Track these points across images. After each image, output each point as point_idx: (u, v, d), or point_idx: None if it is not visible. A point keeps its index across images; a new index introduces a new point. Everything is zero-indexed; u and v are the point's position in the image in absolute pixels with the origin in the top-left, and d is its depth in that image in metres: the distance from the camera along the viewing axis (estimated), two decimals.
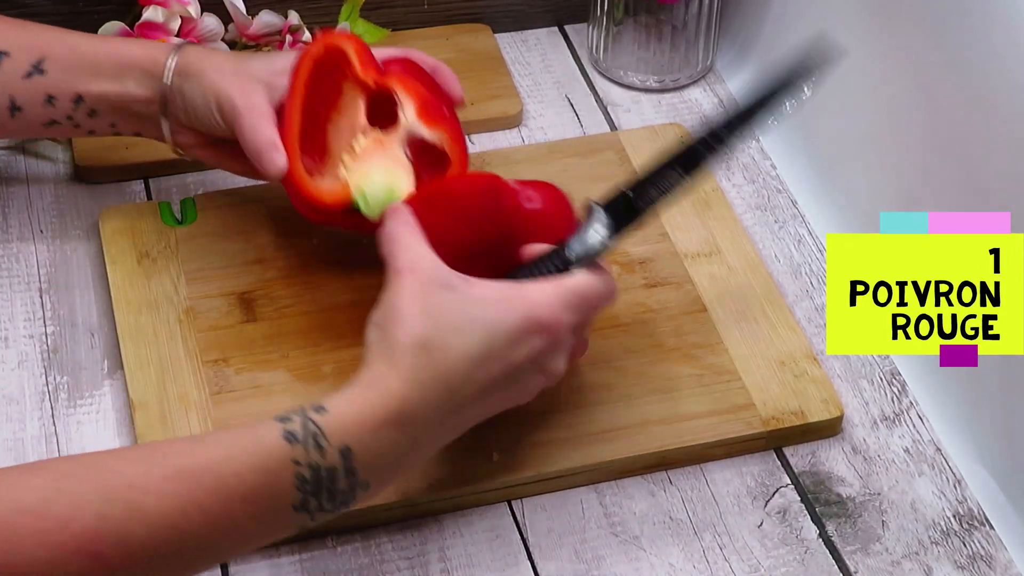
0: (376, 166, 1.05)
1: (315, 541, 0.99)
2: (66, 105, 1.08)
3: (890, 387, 1.10)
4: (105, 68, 1.08)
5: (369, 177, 1.05)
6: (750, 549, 1.00)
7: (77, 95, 1.08)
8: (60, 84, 1.08)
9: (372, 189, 1.04)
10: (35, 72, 1.07)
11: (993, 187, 1.03)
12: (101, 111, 1.09)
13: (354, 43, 1.07)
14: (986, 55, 1.02)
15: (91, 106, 1.09)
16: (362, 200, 1.04)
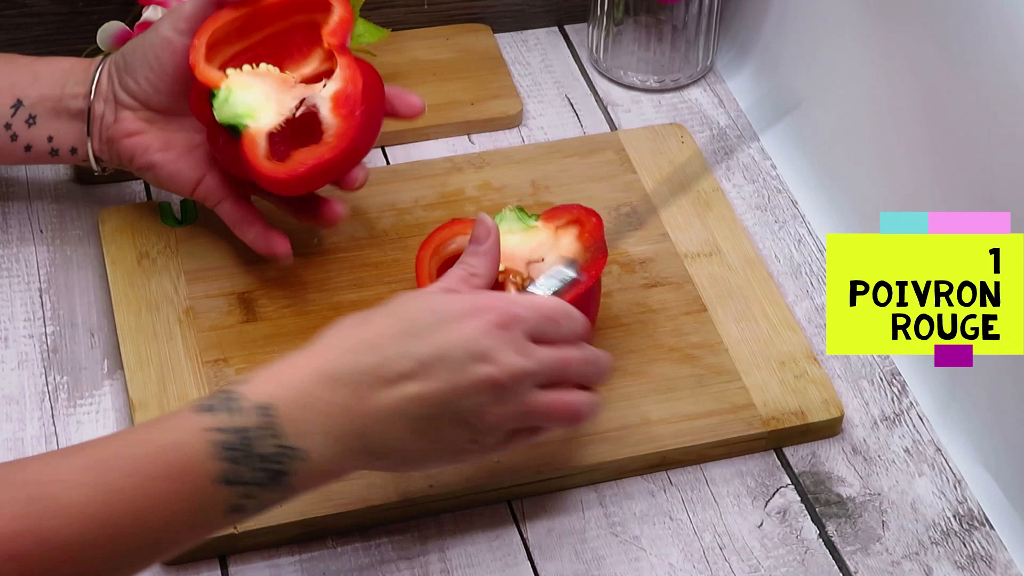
0: (260, 89, 1.06)
1: (315, 541, 0.99)
2: (4, 111, 1.08)
3: (890, 387, 1.10)
4: (44, 75, 1.09)
5: (245, 88, 1.05)
6: (750, 549, 1.00)
7: (16, 99, 1.08)
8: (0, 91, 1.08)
9: (238, 97, 1.05)
10: None
11: (993, 187, 1.03)
12: (40, 118, 1.08)
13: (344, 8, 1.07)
14: (986, 55, 1.02)
15: (30, 111, 1.08)
16: (223, 96, 1.05)
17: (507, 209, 1.07)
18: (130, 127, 1.09)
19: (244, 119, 1.04)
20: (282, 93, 1.06)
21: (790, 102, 0.98)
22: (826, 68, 1.24)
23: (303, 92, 1.06)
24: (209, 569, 0.98)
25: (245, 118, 1.04)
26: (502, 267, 1.04)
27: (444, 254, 1.07)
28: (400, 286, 1.12)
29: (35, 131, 1.09)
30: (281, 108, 1.05)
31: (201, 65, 1.05)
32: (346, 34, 1.07)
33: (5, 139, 1.09)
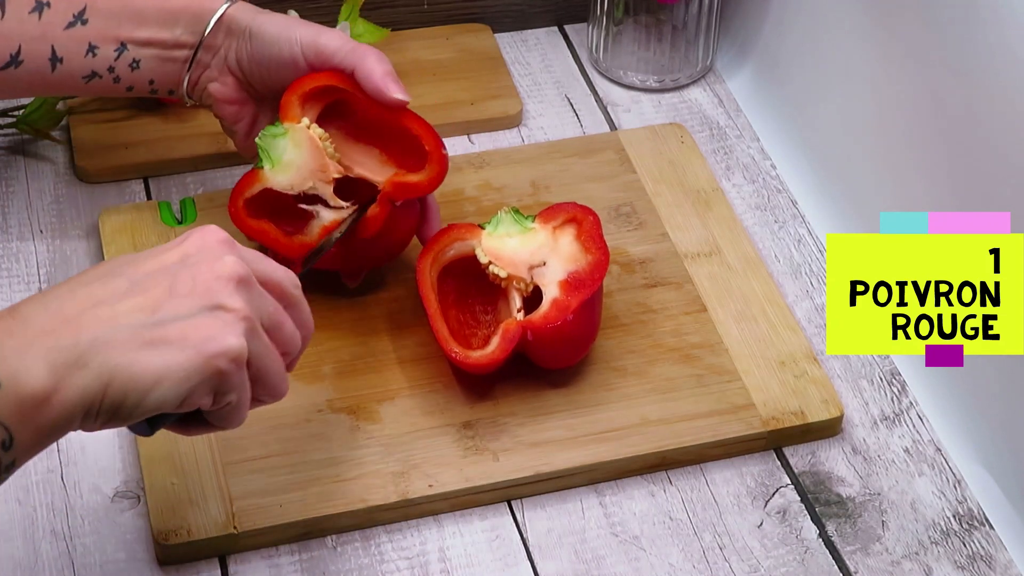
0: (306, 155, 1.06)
1: (315, 541, 0.99)
2: (108, 54, 1.07)
3: (890, 387, 1.10)
4: (150, 14, 1.07)
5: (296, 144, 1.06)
6: (750, 549, 1.00)
7: (120, 42, 1.07)
8: (103, 32, 1.06)
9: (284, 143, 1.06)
10: (77, 22, 1.06)
11: (993, 187, 1.03)
12: (144, 62, 1.08)
13: (432, 177, 1.06)
14: (986, 55, 1.02)
15: (134, 55, 1.07)
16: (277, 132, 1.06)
17: (503, 211, 1.07)
18: (232, 94, 1.09)
19: (267, 161, 1.06)
20: (311, 177, 1.06)
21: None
22: (826, 68, 1.24)
23: (324, 194, 1.06)
24: (209, 569, 0.98)
25: (268, 161, 1.06)
26: (504, 274, 1.05)
27: (443, 260, 1.07)
28: (399, 285, 1.12)
29: (137, 75, 1.08)
30: (298, 184, 1.06)
31: (292, 98, 1.06)
32: (405, 197, 1.06)
33: (108, 80, 1.08)
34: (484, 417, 1.04)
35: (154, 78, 1.09)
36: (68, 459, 1.03)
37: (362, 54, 1.06)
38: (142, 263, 0.83)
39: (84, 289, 0.81)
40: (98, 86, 1.09)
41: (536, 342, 1.03)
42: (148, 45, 1.08)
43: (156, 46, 1.08)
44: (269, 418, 1.03)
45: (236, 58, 1.08)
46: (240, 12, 1.08)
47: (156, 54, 1.08)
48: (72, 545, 0.98)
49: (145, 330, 0.80)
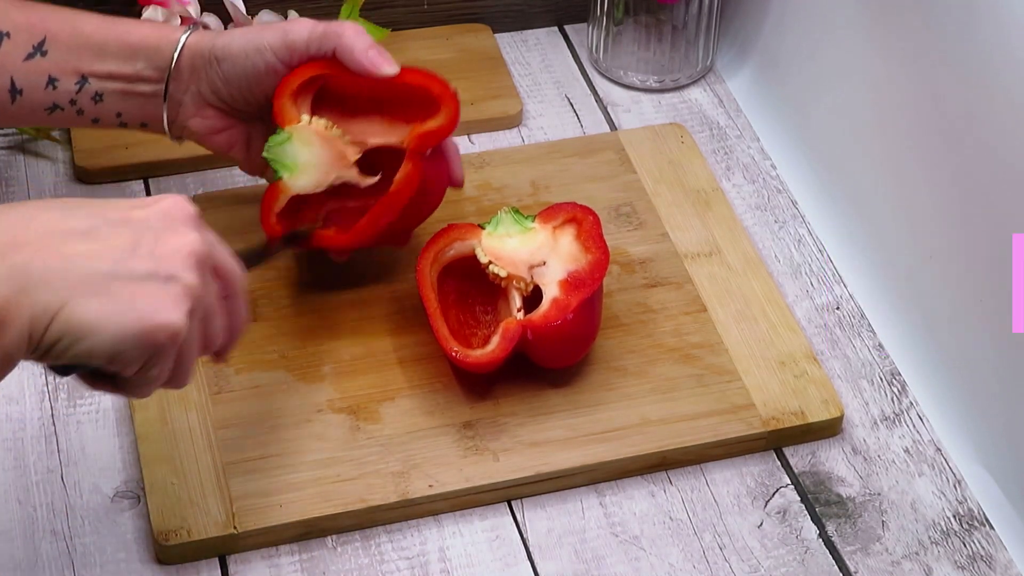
0: (318, 151, 1.06)
1: (315, 541, 0.99)
2: (69, 87, 1.05)
3: (890, 387, 1.10)
4: (111, 48, 1.05)
5: (304, 143, 1.05)
6: (750, 549, 1.00)
7: (81, 75, 1.04)
8: (62, 65, 1.04)
9: (293, 148, 1.05)
10: (36, 53, 1.04)
11: (993, 187, 1.03)
12: (107, 95, 1.06)
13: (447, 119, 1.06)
14: (986, 55, 1.02)
15: (96, 89, 1.05)
16: (282, 139, 1.05)
17: (503, 211, 1.07)
18: (215, 124, 1.08)
19: (284, 171, 1.05)
20: (332, 167, 1.06)
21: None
22: (826, 68, 1.24)
23: (350, 177, 1.06)
24: (209, 569, 0.98)
25: (285, 170, 1.05)
26: (504, 273, 1.05)
27: (443, 260, 1.07)
28: (400, 285, 1.12)
29: (102, 107, 1.06)
30: (321, 180, 1.06)
31: (284, 99, 1.05)
32: (431, 144, 1.06)
33: (71, 113, 1.06)
34: (484, 417, 1.04)
35: (120, 111, 1.07)
36: (68, 459, 1.03)
37: (336, 34, 1.04)
38: (107, 209, 0.81)
39: (44, 215, 0.79)
40: (61, 118, 1.06)
41: (536, 341, 1.03)
42: (110, 79, 1.05)
43: (118, 79, 1.05)
44: (269, 418, 1.03)
45: (211, 88, 1.06)
46: (199, 41, 1.06)
47: (119, 88, 1.06)
48: (72, 545, 0.98)
49: (97, 278, 0.78)
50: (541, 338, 1.03)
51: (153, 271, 0.80)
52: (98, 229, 0.80)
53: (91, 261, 0.78)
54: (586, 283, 1.04)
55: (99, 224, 0.80)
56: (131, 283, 0.79)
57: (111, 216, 0.81)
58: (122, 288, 0.79)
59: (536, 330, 1.03)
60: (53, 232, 0.79)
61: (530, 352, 1.04)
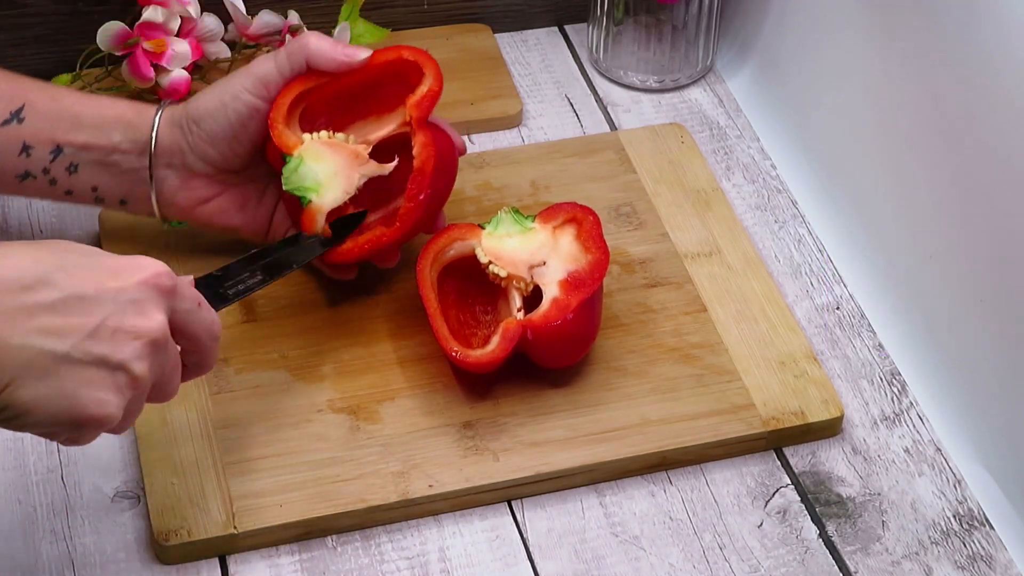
0: (331, 161, 1.05)
1: (315, 541, 0.99)
2: (43, 156, 1.03)
3: (890, 387, 1.10)
4: (88, 119, 1.04)
5: (317, 159, 1.05)
6: (750, 549, 1.00)
7: (56, 145, 1.03)
8: (38, 133, 1.03)
9: (308, 169, 1.05)
10: (13, 120, 1.03)
11: (994, 187, 1.03)
12: (82, 167, 1.04)
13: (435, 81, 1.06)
14: (987, 55, 1.02)
15: (71, 159, 1.04)
16: (294, 165, 1.04)
17: (503, 211, 1.07)
18: (204, 194, 1.07)
19: (309, 193, 1.05)
20: (351, 169, 1.06)
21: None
22: (826, 68, 1.24)
23: (372, 170, 1.06)
24: (209, 569, 0.98)
25: (311, 192, 1.05)
26: (504, 273, 1.05)
27: (443, 260, 1.07)
28: (400, 285, 1.12)
29: (76, 179, 1.05)
30: (348, 186, 1.06)
31: (279, 127, 1.04)
32: (431, 107, 1.06)
33: (43, 183, 1.05)
34: (484, 417, 1.04)
35: (97, 184, 1.05)
36: (68, 459, 1.03)
37: (301, 45, 1.04)
38: (81, 276, 0.82)
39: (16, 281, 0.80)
40: (33, 187, 1.05)
41: (536, 341, 1.03)
42: (85, 149, 1.04)
43: (94, 150, 1.04)
44: (269, 418, 1.03)
45: (197, 155, 1.05)
46: (172, 113, 1.05)
47: (95, 159, 1.04)
48: (72, 545, 0.98)
49: (49, 359, 0.81)
50: (541, 338, 1.03)
51: (106, 357, 0.82)
52: (65, 303, 0.81)
53: (49, 340, 0.80)
54: (586, 283, 1.04)
55: (68, 297, 0.81)
56: (80, 368, 0.81)
57: (82, 286, 0.82)
58: (70, 372, 0.81)
59: (536, 330, 1.03)
60: (20, 305, 0.80)
61: (530, 352, 1.04)
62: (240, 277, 1.01)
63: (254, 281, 1.01)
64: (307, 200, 1.05)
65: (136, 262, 0.85)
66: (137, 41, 1.21)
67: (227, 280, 1.00)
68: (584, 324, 1.04)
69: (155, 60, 1.21)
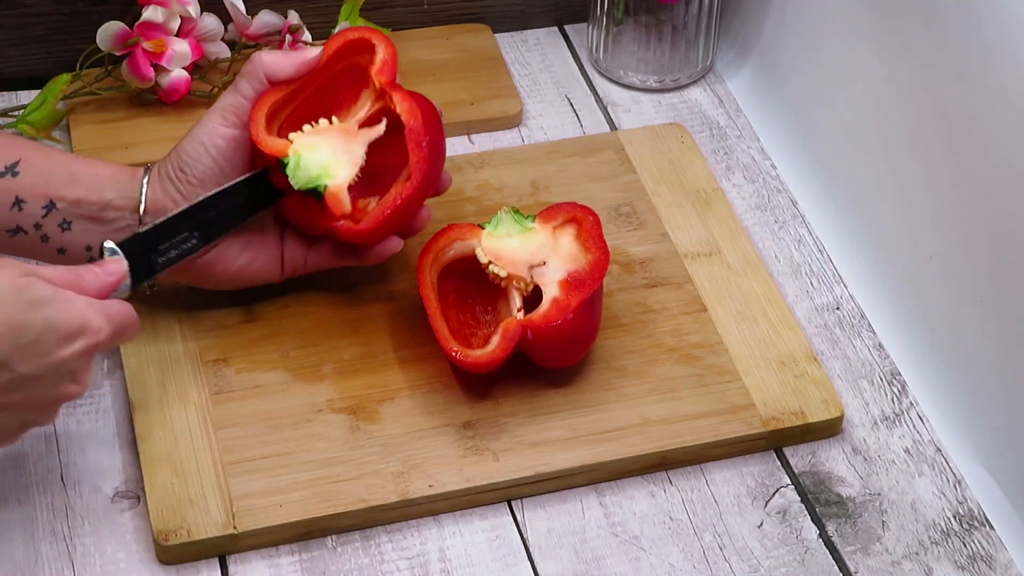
0: (326, 145, 1.05)
1: (315, 541, 0.99)
2: (35, 211, 1.02)
3: (890, 387, 1.10)
4: (82, 176, 1.03)
5: (312, 148, 1.04)
6: (750, 549, 1.00)
7: (49, 200, 1.02)
8: (31, 188, 1.02)
9: (308, 160, 1.04)
10: (8, 173, 1.02)
11: (994, 187, 1.03)
12: (75, 223, 1.03)
13: (387, 47, 1.07)
14: (987, 55, 1.02)
15: (64, 215, 1.02)
16: (294, 162, 1.04)
17: (503, 211, 1.07)
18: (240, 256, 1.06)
19: (322, 180, 1.04)
20: (349, 143, 1.05)
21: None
22: (826, 68, 1.24)
23: (368, 136, 1.06)
24: (209, 569, 0.98)
25: (323, 179, 1.04)
26: (504, 273, 1.05)
27: (443, 260, 1.07)
28: (400, 285, 1.12)
29: (69, 236, 1.04)
30: (353, 158, 1.05)
31: (263, 137, 1.04)
32: (394, 71, 1.06)
33: (34, 239, 1.03)
34: (484, 417, 1.04)
35: (91, 244, 1.04)
36: (68, 459, 1.03)
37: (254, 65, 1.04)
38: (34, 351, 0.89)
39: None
40: (24, 244, 1.04)
41: (536, 341, 1.03)
42: (78, 205, 1.03)
43: (87, 206, 1.03)
44: (269, 418, 1.03)
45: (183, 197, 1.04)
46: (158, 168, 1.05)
47: (88, 215, 1.03)
48: (72, 545, 0.98)
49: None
50: (541, 338, 1.03)
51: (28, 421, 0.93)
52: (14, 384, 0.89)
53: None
54: (586, 283, 1.04)
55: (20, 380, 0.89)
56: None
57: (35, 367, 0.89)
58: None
59: (536, 330, 1.03)
60: None
61: (530, 352, 1.04)
62: (174, 240, 1.00)
63: (188, 246, 1.00)
64: (323, 187, 1.04)
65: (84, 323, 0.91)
66: (137, 41, 1.21)
67: (160, 243, 0.99)
68: (584, 324, 1.04)
69: (155, 60, 1.22)
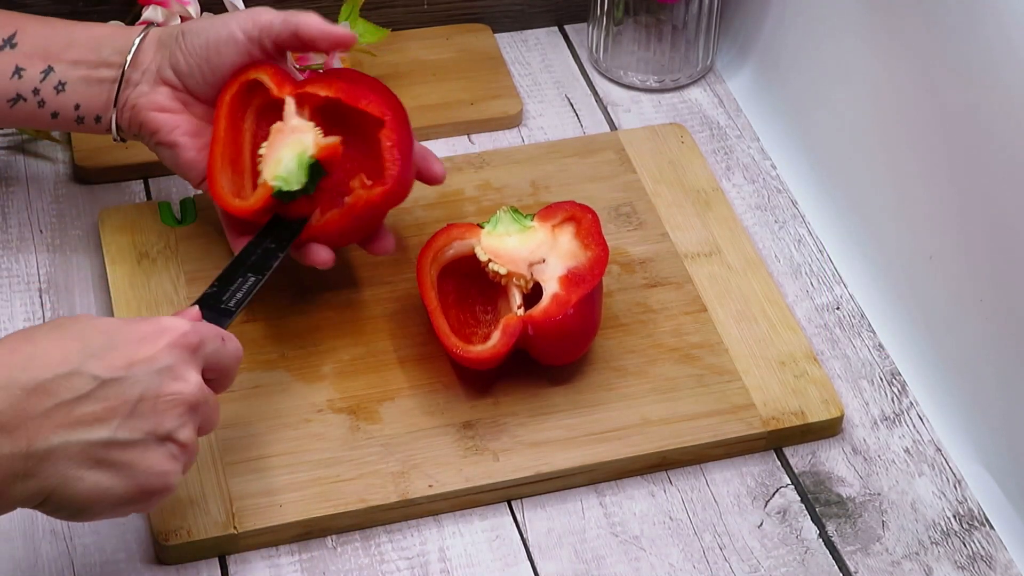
0: (279, 148, 1.05)
1: (315, 541, 0.99)
2: (33, 76, 1.05)
3: (890, 387, 1.10)
4: (79, 39, 1.06)
5: (277, 160, 1.04)
6: (750, 549, 1.00)
7: (47, 66, 1.05)
8: (30, 55, 1.05)
9: (283, 167, 1.04)
10: (6, 46, 1.05)
11: (994, 187, 1.03)
12: (70, 84, 1.06)
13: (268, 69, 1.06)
14: (987, 55, 1.02)
15: (60, 77, 1.06)
16: (283, 183, 1.04)
17: (501, 211, 1.07)
18: (164, 102, 1.07)
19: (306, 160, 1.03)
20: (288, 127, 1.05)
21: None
22: (826, 68, 1.24)
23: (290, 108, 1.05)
24: (209, 569, 0.98)
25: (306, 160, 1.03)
26: (504, 270, 1.05)
27: (443, 259, 1.07)
28: (399, 285, 1.12)
29: (63, 98, 1.07)
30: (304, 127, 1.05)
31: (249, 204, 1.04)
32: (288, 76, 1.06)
33: (32, 105, 1.07)
34: (484, 417, 1.04)
35: (80, 102, 1.07)
36: None
37: (296, 14, 1.05)
38: (110, 358, 0.84)
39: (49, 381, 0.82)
40: (23, 112, 1.07)
41: (537, 337, 1.03)
42: (75, 65, 1.06)
43: (83, 66, 1.06)
44: (269, 418, 1.03)
45: (171, 63, 1.06)
46: (168, 27, 1.08)
47: (82, 75, 1.06)
48: (72, 545, 0.98)
49: (96, 448, 0.83)
50: (542, 333, 1.03)
51: (152, 431, 0.84)
52: (100, 389, 0.83)
53: (92, 430, 0.82)
54: (586, 279, 1.04)
55: (102, 381, 0.83)
56: (129, 448, 0.84)
57: (114, 364, 0.83)
58: (120, 454, 0.83)
59: (537, 325, 1.03)
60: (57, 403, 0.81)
61: (531, 348, 1.04)
62: (234, 286, 1.01)
63: (248, 284, 1.01)
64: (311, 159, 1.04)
65: (159, 326, 0.87)
66: None
67: (224, 293, 1.00)
68: (584, 320, 1.04)
69: None
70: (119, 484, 0.84)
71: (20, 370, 0.81)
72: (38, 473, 0.82)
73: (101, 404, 0.83)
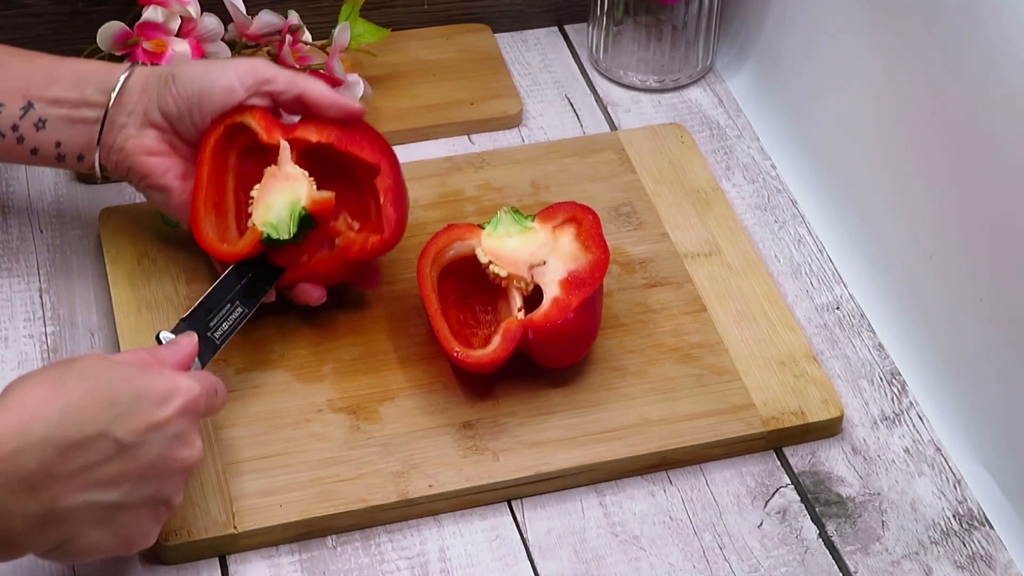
0: (271, 193, 1.05)
1: (315, 541, 0.99)
2: (13, 112, 1.04)
3: (890, 387, 1.10)
4: (62, 75, 1.05)
5: (267, 206, 1.05)
6: (750, 549, 1.00)
7: (27, 100, 1.04)
8: (11, 90, 1.04)
9: (275, 214, 1.04)
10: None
11: (993, 187, 1.03)
12: (50, 122, 1.04)
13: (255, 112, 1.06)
14: (987, 55, 1.02)
15: (40, 115, 1.04)
16: (273, 230, 1.04)
17: (502, 211, 1.07)
18: (153, 145, 1.06)
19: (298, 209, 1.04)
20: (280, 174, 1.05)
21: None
22: (826, 68, 1.24)
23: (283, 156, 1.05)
24: (209, 569, 0.98)
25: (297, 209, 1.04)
26: (504, 273, 1.05)
27: (443, 260, 1.07)
28: (399, 286, 1.12)
29: (43, 135, 1.05)
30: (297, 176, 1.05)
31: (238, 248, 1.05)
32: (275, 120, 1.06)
33: (11, 140, 1.05)
34: (484, 417, 1.04)
35: (61, 140, 1.05)
36: None
37: (303, 79, 1.05)
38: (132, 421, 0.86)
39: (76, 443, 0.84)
40: (2, 148, 1.05)
41: (537, 341, 1.03)
42: (56, 104, 1.05)
43: (64, 105, 1.05)
44: (269, 418, 1.03)
45: (159, 106, 1.05)
46: (156, 68, 1.07)
47: (64, 114, 1.05)
48: None
49: (105, 509, 0.86)
50: (542, 337, 1.03)
51: (154, 495, 0.88)
52: (122, 451, 0.86)
53: (107, 492, 0.86)
54: (586, 282, 1.04)
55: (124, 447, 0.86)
56: (133, 510, 0.88)
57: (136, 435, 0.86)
58: (123, 516, 0.87)
59: (537, 329, 1.03)
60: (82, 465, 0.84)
61: (531, 352, 1.04)
62: (222, 312, 1.02)
63: (235, 316, 1.03)
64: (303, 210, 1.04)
65: (173, 386, 0.89)
66: (137, 41, 1.21)
67: (211, 317, 1.01)
68: (585, 323, 1.04)
69: (155, 60, 1.21)
70: (111, 540, 0.88)
71: (55, 426, 0.83)
72: (53, 529, 0.85)
73: (118, 467, 0.86)
